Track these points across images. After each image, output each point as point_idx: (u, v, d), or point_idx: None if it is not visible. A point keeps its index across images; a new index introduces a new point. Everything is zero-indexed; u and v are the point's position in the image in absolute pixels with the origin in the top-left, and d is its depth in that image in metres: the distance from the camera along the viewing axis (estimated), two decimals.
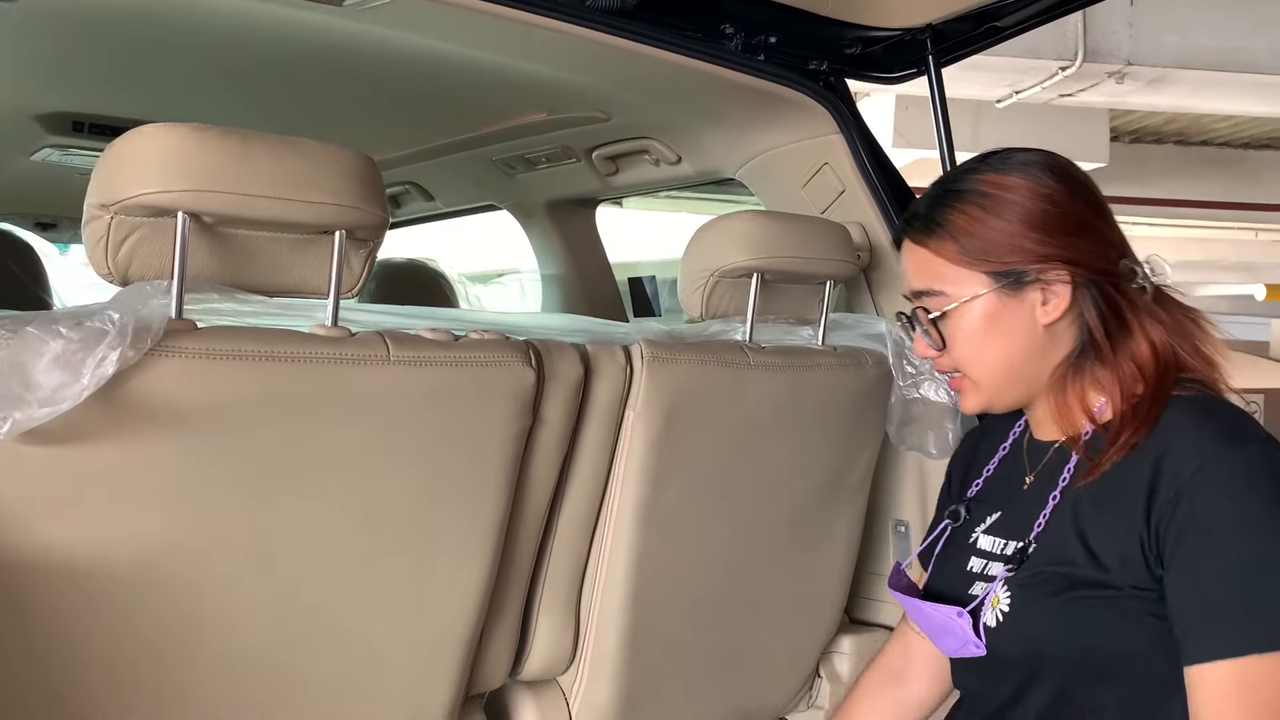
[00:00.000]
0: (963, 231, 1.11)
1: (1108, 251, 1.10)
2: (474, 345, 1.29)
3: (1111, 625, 1.02)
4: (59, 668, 1.11)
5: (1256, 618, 0.95)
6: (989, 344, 1.11)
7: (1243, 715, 0.94)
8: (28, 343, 0.99)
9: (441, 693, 1.39)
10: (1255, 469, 0.98)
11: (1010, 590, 1.08)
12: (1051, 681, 1.07)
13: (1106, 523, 1.04)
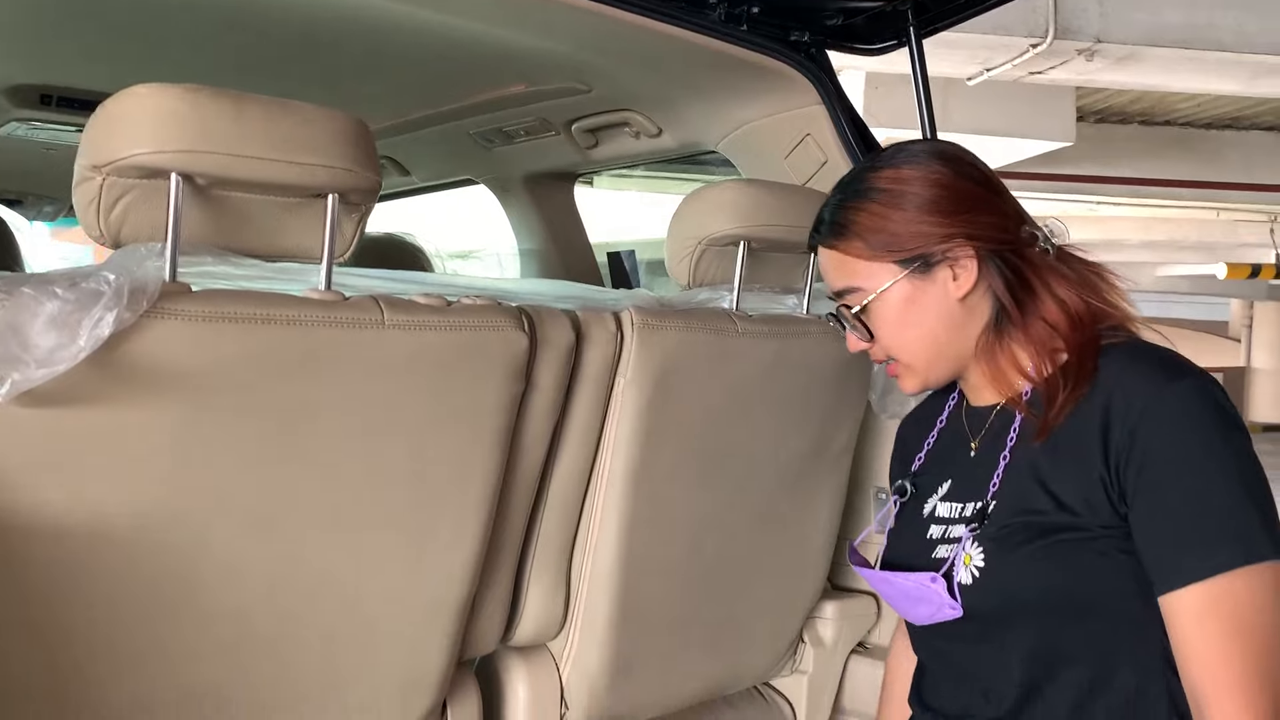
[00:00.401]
0: (866, 229, 1.16)
1: (1004, 222, 1.16)
2: (467, 310, 1.30)
3: (1086, 565, 1.06)
4: (56, 629, 1.10)
5: (1223, 537, 1.00)
6: (911, 327, 1.17)
7: (1225, 631, 0.98)
8: (23, 303, 0.99)
9: (434, 657, 1.39)
10: (1197, 400, 1.04)
11: (982, 545, 1.11)
12: (1032, 631, 1.10)
13: (1066, 470, 1.08)
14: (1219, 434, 1.03)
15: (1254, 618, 0.99)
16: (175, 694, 1.19)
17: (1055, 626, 1.09)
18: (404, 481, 1.28)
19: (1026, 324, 1.15)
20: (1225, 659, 0.98)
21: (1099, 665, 1.08)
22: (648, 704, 1.71)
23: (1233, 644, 0.98)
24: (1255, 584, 0.99)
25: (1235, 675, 0.98)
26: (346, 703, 1.34)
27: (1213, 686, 0.99)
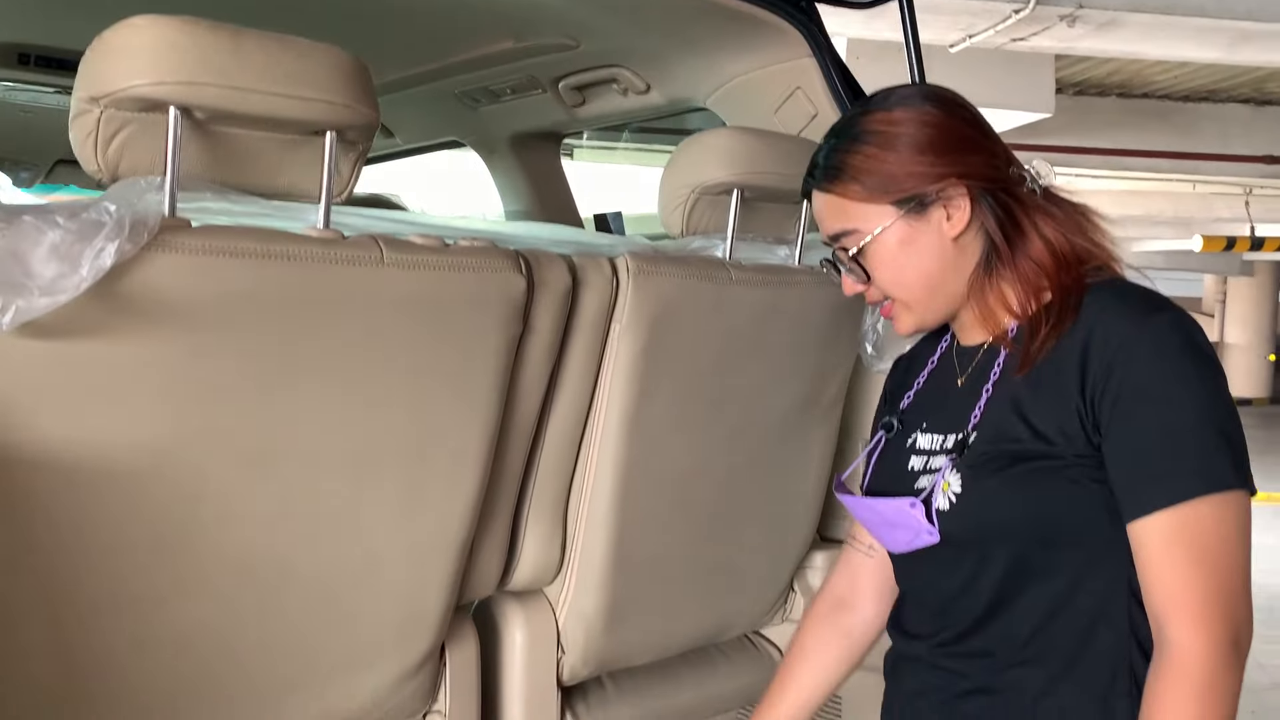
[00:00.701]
0: (862, 171, 1.18)
1: (995, 162, 1.18)
2: (465, 252, 1.30)
3: (1059, 492, 1.09)
4: (55, 565, 1.10)
5: (1190, 466, 1.03)
6: (907, 267, 1.19)
7: (1188, 557, 1.02)
8: (25, 231, 0.98)
9: (433, 600, 1.40)
10: (1173, 336, 1.07)
11: (960, 473, 1.14)
12: (1005, 555, 1.13)
13: (1044, 401, 1.11)
14: (1192, 368, 1.06)
15: (1217, 545, 1.02)
16: (173, 633, 1.19)
17: (1025, 550, 1.13)
18: (402, 422, 1.29)
19: (1016, 262, 1.17)
20: (1187, 584, 1.02)
21: (1063, 587, 1.12)
22: (642, 649, 1.72)
23: (1195, 569, 1.02)
24: (1219, 512, 1.03)
25: (1196, 599, 1.01)
26: (346, 645, 1.35)
27: (1174, 609, 1.02)
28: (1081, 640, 1.11)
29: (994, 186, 1.17)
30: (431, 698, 1.49)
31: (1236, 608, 1.02)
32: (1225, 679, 1.00)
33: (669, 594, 1.71)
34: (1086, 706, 1.11)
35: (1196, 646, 1.01)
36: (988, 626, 1.15)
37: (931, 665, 1.22)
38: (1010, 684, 1.14)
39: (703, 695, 1.85)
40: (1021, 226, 1.17)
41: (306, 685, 1.32)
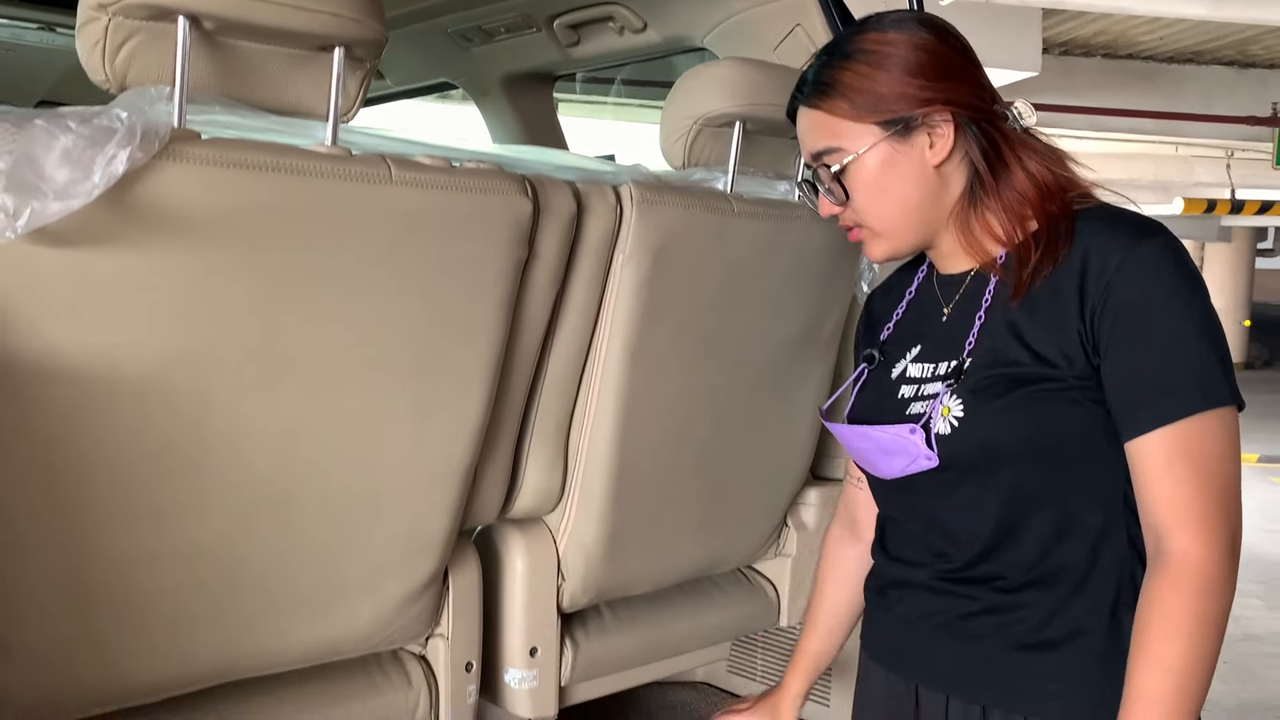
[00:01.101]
0: (851, 88, 1.17)
1: (982, 94, 1.19)
2: (472, 174, 1.29)
3: (1060, 414, 1.11)
4: (69, 475, 1.10)
5: (1189, 382, 1.06)
6: (887, 191, 1.19)
7: (1192, 469, 1.05)
8: (37, 135, 0.97)
9: (437, 523, 1.41)
10: (1168, 258, 1.09)
11: (961, 398, 1.15)
12: (1010, 477, 1.15)
13: (1043, 325, 1.13)
14: (1186, 288, 1.08)
15: (1215, 458, 1.05)
16: (186, 547, 1.20)
17: (1029, 472, 1.14)
18: (409, 342, 1.29)
19: (1000, 192, 1.18)
20: (1187, 496, 1.05)
21: (1068, 507, 1.14)
22: (640, 579, 1.74)
23: (1194, 482, 1.05)
24: (1216, 427, 1.06)
25: (1197, 510, 1.04)
26: (352, 566, 1.35)
27: (1177, 519, 1.05)
28: (1089, 558, 1.13)
29: (979, 117, 1.17)
30: (435, 621, 1.50)
31: (1233, 515, 1.05)
32: (1225, 583, 1.04)
33: (667, 525, 1.73)
34: (1097, 621, 1.13)
35: (1200, 553, 1.03)
36: (996, 551, 1.17)
37: (933, 591, 1.23)
38: (1022, 604, 1.15)
39: (698, 625, 1.88)
40: (1004, 157, 1.18)
41: (312, 605, 1.33)
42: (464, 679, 1.53)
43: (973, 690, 1.18)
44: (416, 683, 1.50)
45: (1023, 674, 1.15)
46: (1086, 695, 1.13)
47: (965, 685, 1.19)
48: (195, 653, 1.26)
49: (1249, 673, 4.46)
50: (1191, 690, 1.03)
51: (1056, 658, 1.13)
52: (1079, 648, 1.13)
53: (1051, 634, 1.14)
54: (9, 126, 0.98)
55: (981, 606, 1.18)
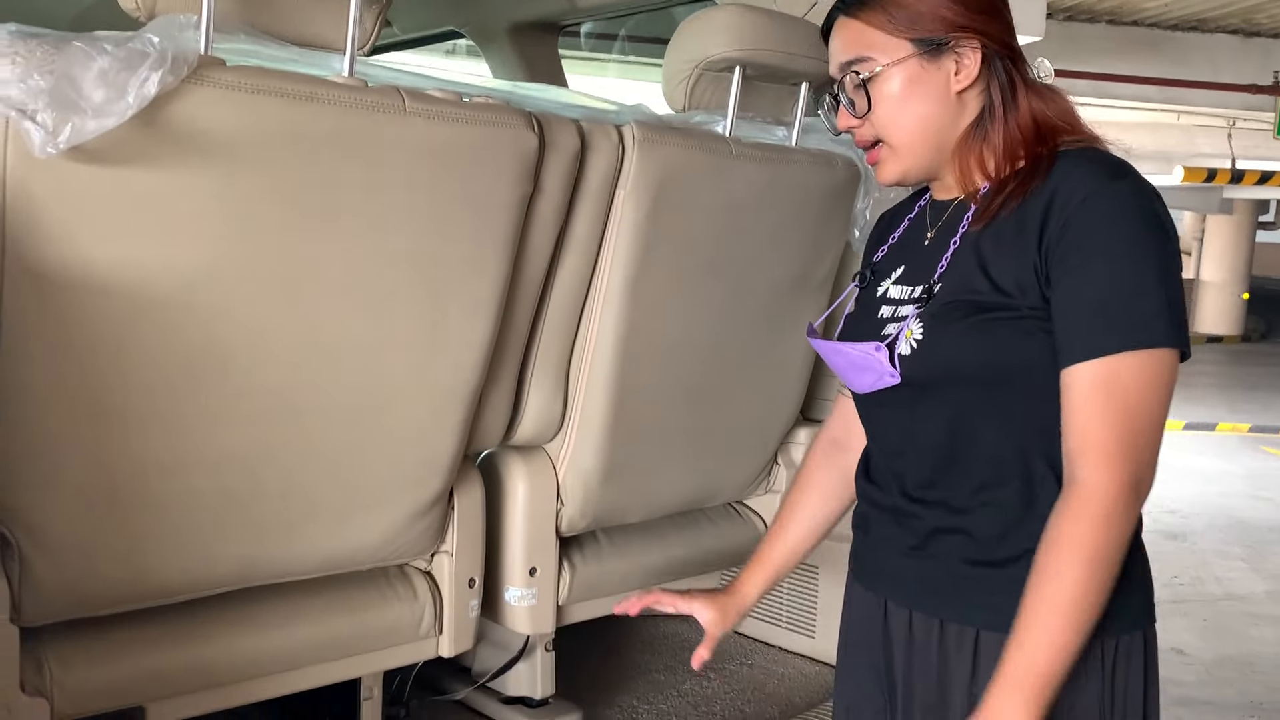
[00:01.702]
0: (893, 3, 1.23)
1: (1011, 34, 1.24)
2: (481, 108, 1.35)
3: (1011, 340, 1.16)
4: (101, 384, 1.17)
5: (1124, 322, 1.10)
6: (909, 107, 1.23)
7: (1108, 404, 1.09)
8: (75, 57, 1.03)
9: (444, 443, 1.49)
10: (1132, 200, 1.12)
11: (923, 321, 1.21)
12: (955, 395, 1.21)
13: (1005, 256, 1.18)
14: (1145, 232, 1.11)
15: (1135, 396, 1.09)
16: (210, 454, 1.27)
17: (979, 395, 1.20)
18: (419, 264, 1.35)
19: (1005, 127, 1.22)
20: (1099, 429, 1.09)
21: (1015, 432, 1.19)
22: (635, 507, 1.82)
23: (1108, 417, 1.09)
24: (1143, 366, 1.09)
25: (1106, 443, 1.08)
26: (365, 480, 1.43)
27: (1086, 450, 1.09)
28: (1035, 482, 1.19)
29: (1005, 53, 1.22)
30: (440, 538, 1.58)
31: (1141, 453, 1.09)
32: (1123, 516, 1.08)
33: (661, 457, 1.80)
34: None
35: (1101, 484, 1.08)
36: (946, 472, 1.23)
37: (897, 512, 1.30)
38: (971, 525, 1.21)
39: (689, 554, 1.96)
40: (1017, 96, 1.22)
41: (327, 516, 1.41)
42: (467, 594, 1.61)
43: (931, 605, 1.25)
44: (422, 596, 1.58)
45: (976, 590, 1.21)
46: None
47: (925, 600, 1.26)
48: (216, 557, 1.34)
49: (1227, 629, 4.56)
50: (1077, 615, 1.08)
51: (1006, 575, 1.18)
52: (1028, 565, 1.17)
53: (1003, 553, 1.19)
54: (49, 48, 1.04)
55: (934, 527, 1.24)
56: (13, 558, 1.19)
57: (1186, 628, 4.55)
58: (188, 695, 1.39)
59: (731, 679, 2.09)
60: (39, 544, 1.20)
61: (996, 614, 1.18)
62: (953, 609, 1.23)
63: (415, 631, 1.57)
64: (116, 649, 1.32)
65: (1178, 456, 8.41)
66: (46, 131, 1.02)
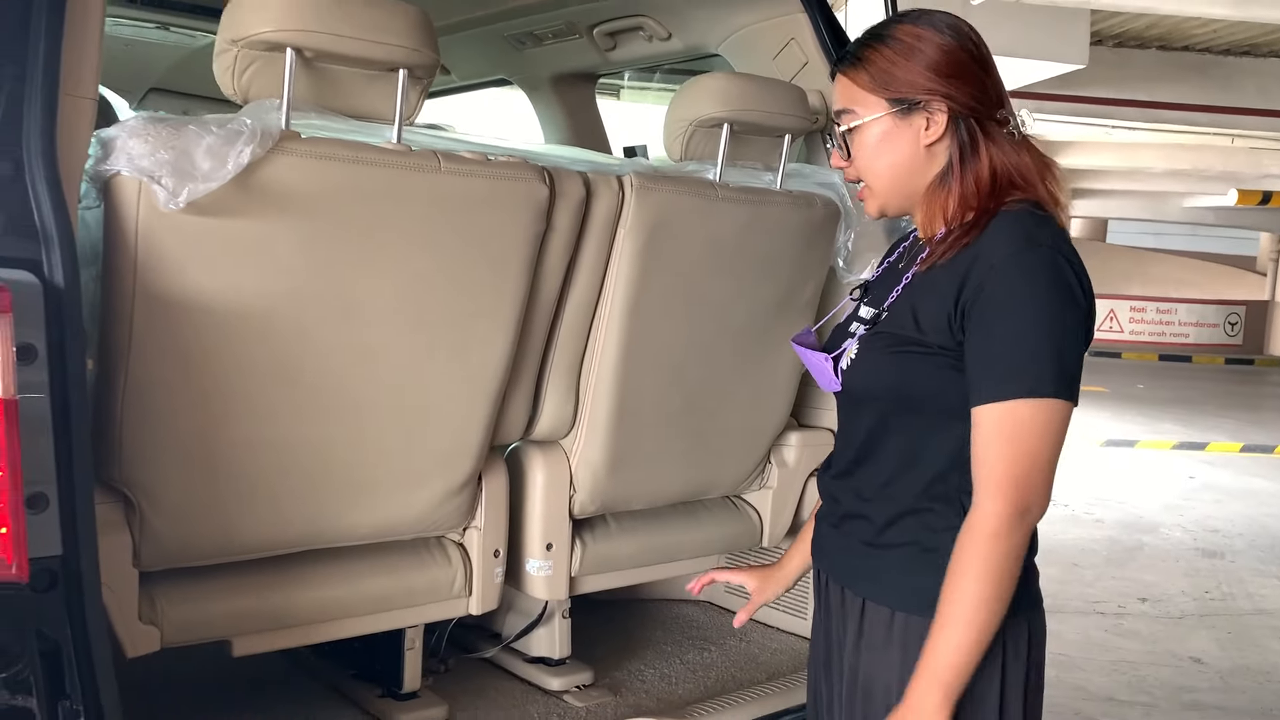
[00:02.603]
0: (875, 66, 1.43)
1: (982, 96, 1.40)
2: (503, 165, 1.69)
3: (921, 371, 1.39)
4: (204, 384, 1.53)
5: (1019, 373, 1.28)
6: (882, 156, 1.45)
7: (1003, 442, 1.28)
8: (190, 136, 1.39)
9: (473, 435, 1.82)
10: (1039, 266, 1.30)
11: (860, 343, 1.46)
12: (878, 409, 1.46)
13: (932, 300, 1.39)
14: (1045, 298, 1.28)
15: (1026, 438, 1.27)
16: (287, 439, 1.62)
17: (889, 411, 1.44)
18: (452, 290, 1.69)
19: (963, 180, 1.41)
20: (994, 464, 1.28)
21: (915, 446, 1.42)
22: (638, 495, 2.13)
23: (1004, 453, 1.27)
24: (1035, 414, 1.27)
25: (998, 477, 1.27)
26: (407, 463, 1.77)
27: (981, 480, 1.29)
28: (924, 489, 1.41)
29: (970, 114, 1.40)
30: (470, 515, 1.91)
31: (1029, 485, 1.27)
32: (1006, 540, 1.27)
33: (661, 453, 2.11)
34: (923, 538, 1.41)
35: (993, 509, 1.28)
36: (860, 466, 1.49)
37: (830, 495, 1.56)
38: (871, 512, 1.46)
39: (690, 539, 2.27)
40: (978, 153, 1.40)
41: (379, 490, 1.75)
42: (492, 563, 1.94)
43: (839, 575, 1.51)
44: (455, 563, 1.91)
45: (866, 566, 1.46)
46: (904, 590, 1.42)
47: (835, 570, 1.53)
48: (289, 522, 1.68)
49: (1250, 641, 4.70)
50: (977, 618, 1.27)
51: (889, 557, 1.43)
52: (905, 554, 1.42)
53: (888, 540, 1.44)
54: (172, 129, 1.39)
55: (846, 511, 1.50)
56: (135, 516, 1.55)
57: (1210, 639, 4.69)
58: (263, 633, 1.73)
59: (728, 651, 2.39)
60: (155, 506, 1.55)
61: (877, 587, 1.44)
62: (850, 580, 1.48)
63: (449, 591, 1.91)
64: (210, 593, 1.67)
65: (1232, 478, 8.45)
66: (169, 192, 1.38)
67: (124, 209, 1.40)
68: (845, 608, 1.49)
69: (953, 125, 1.41)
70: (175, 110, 1.56)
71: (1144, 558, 6.04)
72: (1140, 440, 9.86)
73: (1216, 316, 20.19)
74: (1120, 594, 5.30)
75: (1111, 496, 7.48)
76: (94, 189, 1.42)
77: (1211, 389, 14.68)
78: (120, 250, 1.42)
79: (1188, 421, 11.22)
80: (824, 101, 2.31)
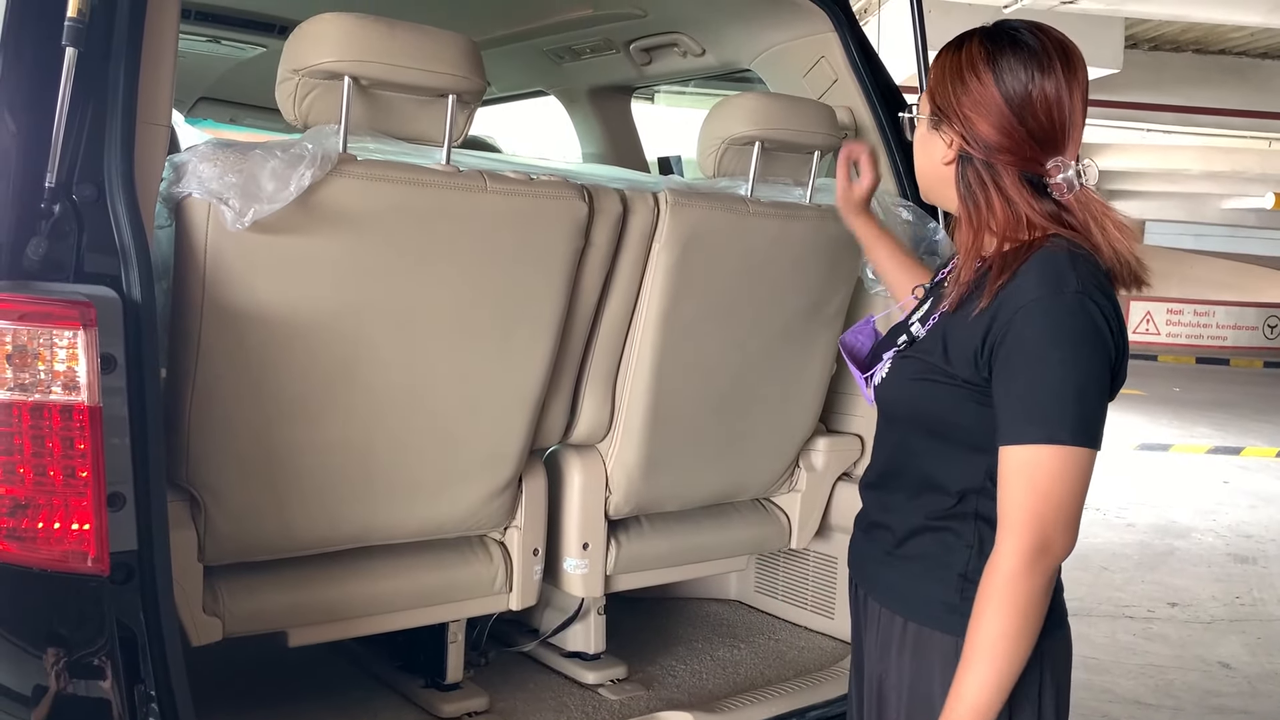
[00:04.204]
0: (936, 73, 1.46)
1: (1007, 143, 1.36)
2: (545, 184, 1.78)
3: (944, 401, 1.42)
4: (264, 389, 1.63)
5: (1042, 419, 1.28)
6: (917, 154, 1.53)
7: (1027, 487, 1.29)
8: (255, 160, 1.49)
9: (515, 438, 1.91)
10: (1067, 311, 1.29)
11: (893, 362, 1.51)
12: (899, 428, 1.52)
13: (961, 336, 1.38)
14: (1071, 343, 1.28)
15: (1046, 483, 1.28)
16: (342, 441, 1.72)
17: (912, 433, 1.49)
18: (496, 301, 1.78)
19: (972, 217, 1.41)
20: (1016, 502, 1.29)
21: (935, 470, 1.46)
22: (671, 497, 2.22)
23: (1024, 493, 1.28)
24: (1055, 459, 1.27)
25: (1019, 514, 1.29)
26: (454, 464, 1.87)
27: (1003, 519, 1.30)
28: (942, 510, 1.45)
29: (982, 156, 1.39)
30: (511, 515, 2.01)
31: (1047, 528, 1.28)
32: (1027, 579, 1.28)
33: (693, 457, 2.20)
34: (937, 554, 1.44)
35: (1011, 550, 1.28)
36: (886, 478, 1.55)
37: (864, 501, 1.62)
38: (892, 523, 1.52)
39: (720, 539, 2.35)
40: (989, 192, 1.39)
41: (426, 490, 1.85)
42: (531, 561, 2.03)
43: (863, 580, 1.58)
44: (497, 560, 2.01)
45: (882, 572, 1.52)
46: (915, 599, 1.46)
47: (861, 576, 1.60)
48: (342, 520, 1.78)
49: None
50: (1001, 654, 1.28)
51: (903, 566, 1.49)
52: (920, 566, 1.47)
53: (906, 551, 1.49)
54: (238, 154, 1.50)
55: (873, 520, 1.57)
56: (200, 514, 1.66)
57: (1239, 644, 4.71)
58: (318, 625, 1.84)
59: (758, 649, 2.47)
60: (219, 504, 1.66)
61: (892, 594, 1.50)
62: (870, 586, 1.55)
63: (491, 588, 2.00)
64: (268, 586, 1.78)
65: (1267, 482, 8.39)
66: (236, 212, 1.48)
67: (194, 229, 1.51)
68: (868, 613, 1.56)
69: (962, 160, 1.41)
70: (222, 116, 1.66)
71: (1175, 562, 6.04)
72: (1175, 444, 9.81)
73: (1256, 319, 19.95)
74: (1150, 598, 5.32)
75: (1144, 500, 7.47)
76: (166, 209, 1.53)
77: (1249, 392, 14.53)
78: (190, 267, 1.53)
79: (1223, 425, 11.14)
80: (853, 118, 2.39)
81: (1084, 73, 1.40)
